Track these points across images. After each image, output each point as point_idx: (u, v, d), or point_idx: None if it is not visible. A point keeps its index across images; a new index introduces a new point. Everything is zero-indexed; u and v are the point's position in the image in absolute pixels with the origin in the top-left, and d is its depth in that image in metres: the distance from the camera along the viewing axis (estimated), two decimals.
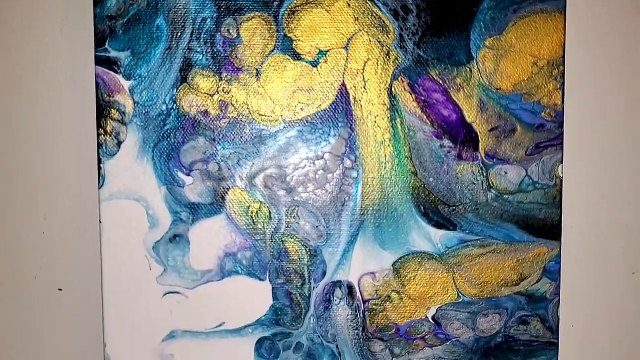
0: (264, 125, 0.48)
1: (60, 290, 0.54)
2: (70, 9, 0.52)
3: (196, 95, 0.48)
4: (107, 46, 0.48)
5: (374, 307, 0.50)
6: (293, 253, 0.49)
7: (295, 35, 0.48)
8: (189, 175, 0.49)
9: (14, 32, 0.52)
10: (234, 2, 0.48)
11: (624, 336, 0.56)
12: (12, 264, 0.54)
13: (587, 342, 0.56)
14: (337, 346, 0.50)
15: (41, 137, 0.53)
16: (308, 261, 0.50)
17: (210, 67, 0.48)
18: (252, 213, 0.49)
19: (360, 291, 0.50)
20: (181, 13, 0.48)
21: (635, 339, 0.56)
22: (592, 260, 0.55)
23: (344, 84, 0.48)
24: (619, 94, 0.54)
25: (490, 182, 0.50)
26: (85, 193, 0.53)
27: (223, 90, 0.48)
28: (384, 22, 0.48)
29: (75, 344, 0.54)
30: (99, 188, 0.48)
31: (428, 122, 0.49)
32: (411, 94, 0.49)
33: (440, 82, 0.49)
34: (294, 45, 0.48)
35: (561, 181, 0.50)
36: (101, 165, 0.48)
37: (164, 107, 0.48)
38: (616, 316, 0.56)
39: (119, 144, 0.48)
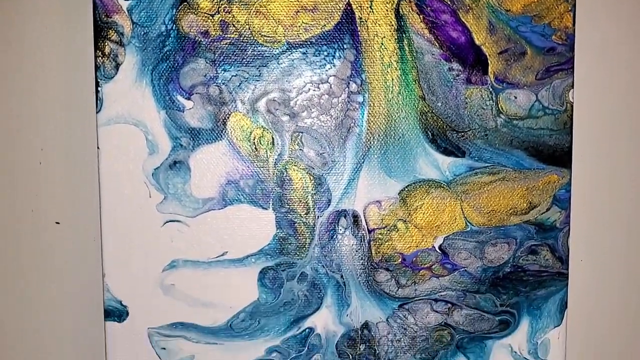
0: (266, 46, 0.47)
1: (57, 223, 0.53)
2: None
3: (196, 15, 0.46)
4: None
5: (379, 236, 0.49)
6: (297, 181, 0.48)
7: None
8: (188, 99, 0.47)
9: None
10: None
11: (635, 265, 0.55)
12: (8, 197, 0.52)
13: (596, 275, 0.55)
14: (341, 276, 0.49)
15: (37, 61, 0.51)
16: (312, 189, 0.48)
17: None
18: (254, 139, 0.48)
19: (365, 220, 0.49)
20: None
21: None
22: (603, 188, 0.54)
23: (349, 4, 0.47)
24: (633, 14, 0.53)
25: (500, 107, 0.48)
26: (83, 119, 0.51)
27: (224, 10, 0.46)
28: None
29: (74, 275, 0.53)
30: (97, 112, 0.47)
31: (436, 43, 0.47)
32: (419, 15, 0.47)
33: (449, 2, 0.47)
34: None
35: (572, 106, 0.48)
36: (99, 89, 0.47)
37: (163, 28, 0.47)
38: (626, 246, 0.55)
39: (117, 66, 0.47)
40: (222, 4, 0.46)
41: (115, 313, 0.48)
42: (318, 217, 0.48)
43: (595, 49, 0.53)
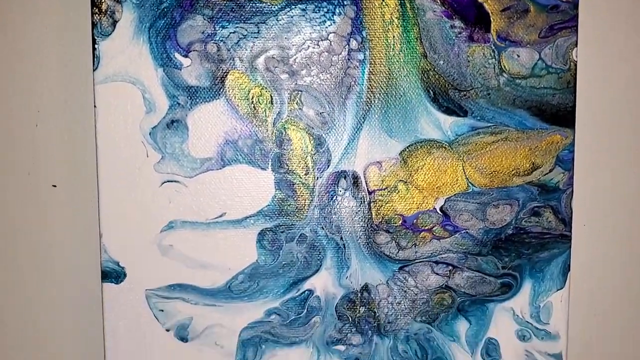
0: (264, 2, 0.46)
1: (54, 186, 0.52)
2: None
3: None
4: None
5: (379, 197, 0.48)
6: (296, 141, 0.47)
7: None
8: (186, 56, 0.46)
9: None
10: None
11: (639, 226, 0.55)
12: (5, 160, 0.52)
13: (599, 237, 0.54)
14: (341, 238, 0.48)
15: (32, 19, 0.50)
16: (311, 149, 0.48)
17: None
18: (252, 98, 0.47)
19: (365, 181, 0.48)
20: None
21: None
22: (606, 148, 0.53)
23: None
24: None
25: (502, 66, 0.47)
26: (80, 77, 0.50)
27: None
28: None
29: (71, 236, 0.52)
30: (93, 70, 0.46)
31: (438, 0, 0.47)
32: None
33: None
34: None
35: (575, 65, 0.48)
36: (95, 46, 0.46)
37: None
38: (630, 207, 0.54)
39: (114, 23, 0.46)
40: None
41: (113, 274, 0.48)
42: (317, 178, 0.48)
43: (599, 6, 0.52)
